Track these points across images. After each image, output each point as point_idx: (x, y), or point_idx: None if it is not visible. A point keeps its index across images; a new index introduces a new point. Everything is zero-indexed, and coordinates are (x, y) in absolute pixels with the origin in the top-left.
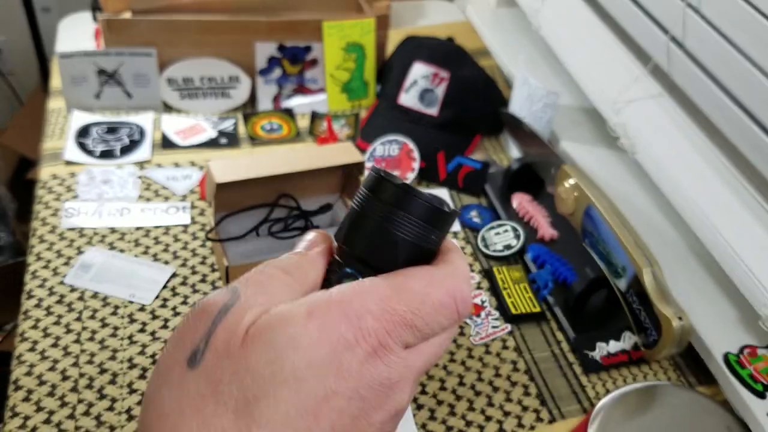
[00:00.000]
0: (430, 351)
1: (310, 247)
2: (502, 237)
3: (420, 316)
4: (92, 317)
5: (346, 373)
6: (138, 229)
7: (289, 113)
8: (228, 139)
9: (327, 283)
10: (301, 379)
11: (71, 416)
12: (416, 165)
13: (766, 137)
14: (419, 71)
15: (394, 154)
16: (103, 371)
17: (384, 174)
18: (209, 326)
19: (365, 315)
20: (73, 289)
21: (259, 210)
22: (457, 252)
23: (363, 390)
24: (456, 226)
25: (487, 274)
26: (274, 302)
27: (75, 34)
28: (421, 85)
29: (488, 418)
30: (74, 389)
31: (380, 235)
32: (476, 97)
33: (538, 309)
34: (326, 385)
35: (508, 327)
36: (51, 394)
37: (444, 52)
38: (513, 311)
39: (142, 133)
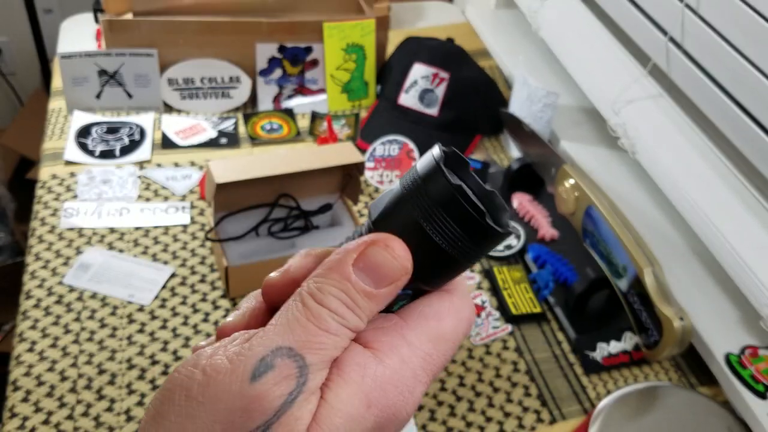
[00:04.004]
0: None
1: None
2: None
3: (450, 356)
4: (91, 317)
5: None
6: (137, 229)
7: (289, 113)
8: (228, 139)
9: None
10: None
11: (70, 417)
12: None
13: (766, 136)
14: (419, 72)
15: (395, 154)
16: (101, 372)
17: (442, 162)
18: (260, 424)
19: (416, 387)
20: (71, 290)
21: (259, 210)
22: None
23: None
24: None
25: (488, 274)
26: (340, 385)
27: (77, 35)
28: (421, 86)
29: (489, 419)
30: (73, 390)
31: (415, 232)
32: (476, 98)
33: (538, 309)
34: None
35: (509, 327)
36: (50, 395)
37: (444, 52)
38: (513, 312)
39: (142, 133)
